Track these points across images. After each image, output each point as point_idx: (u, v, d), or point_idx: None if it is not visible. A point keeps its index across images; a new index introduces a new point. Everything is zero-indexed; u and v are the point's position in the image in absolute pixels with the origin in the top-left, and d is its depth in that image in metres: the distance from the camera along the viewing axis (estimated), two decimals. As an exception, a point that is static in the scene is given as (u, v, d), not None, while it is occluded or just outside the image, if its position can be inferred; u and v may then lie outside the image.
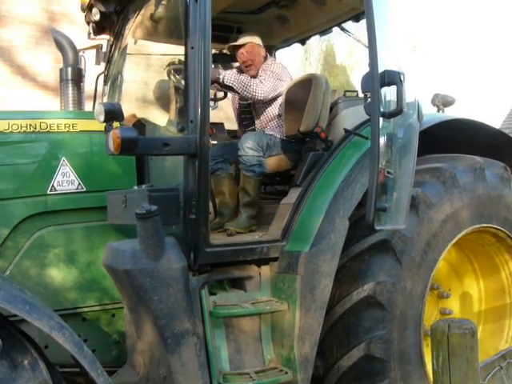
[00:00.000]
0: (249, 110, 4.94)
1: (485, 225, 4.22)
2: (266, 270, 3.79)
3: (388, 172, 3.36)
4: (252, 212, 4.36)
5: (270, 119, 4.65)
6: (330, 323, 3.66)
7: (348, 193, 3.72)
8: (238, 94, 4.48)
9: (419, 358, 3.77)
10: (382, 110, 3.24)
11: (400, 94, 3.18)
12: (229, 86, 4.38)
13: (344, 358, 3.63)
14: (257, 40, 4.70)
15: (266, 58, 4.73)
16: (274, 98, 4.58)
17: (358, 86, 3.44)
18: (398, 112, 3.22)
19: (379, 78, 3.18)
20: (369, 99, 3.23)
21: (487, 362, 2.97)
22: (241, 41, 4.68)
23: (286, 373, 3.48)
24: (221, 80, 4.35)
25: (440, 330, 2.56)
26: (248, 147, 4.27)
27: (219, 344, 3.49)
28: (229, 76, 4.33)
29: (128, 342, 3.76)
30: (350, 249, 3.72)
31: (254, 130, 4.82)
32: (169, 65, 4.06)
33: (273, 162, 4.47)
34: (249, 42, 4.66)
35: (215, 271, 3.63)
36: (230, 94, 5.08)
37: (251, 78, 4.52)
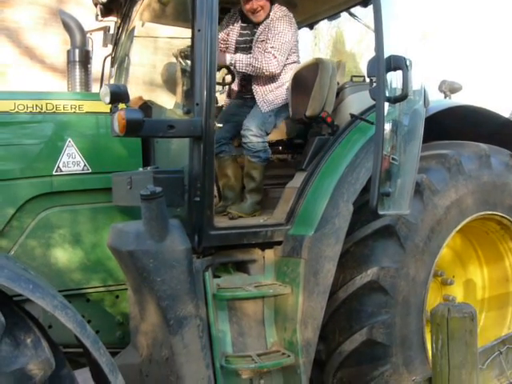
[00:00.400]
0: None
1: (489, 212, 4.21)
2: (270, 253, 3.80)
3: (393, 158, 3.35)
4: (257, 198, 4.36)
5: (272, 86, 4.51)
6: (333, 307, 3.67)
7: (353, 178, 3.72)
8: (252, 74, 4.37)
9: (421, 343, 3.79)
10: (387, 94, 3.23)
11: (405, 79, 3.16)
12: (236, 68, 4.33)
13: (346, 342, 3.65)
14: None
15: (272, 2, 4.52)
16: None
17: (365, 72, 3.42)
18: (403, 97, 3.21)
19: (385, 63, 3.17)
20: (374, 84, 3.22)
21: (486, 347, 2.97)
22: None
23: (289, 356, 3.50)
24: (232, 67, 4.31)
25: (440, 314, 2.57)
26: (251, 134, 4.25)
27: (222, 326, 3.51)
28: (240, 63, 4.26)
29: (131, 324, 3.78)
30: (354, 234, 3.72)
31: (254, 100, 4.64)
32: (179, 51, 4.05)
33: (274, 132, 4.46)
34: None
35: (219, 254, 3.65)
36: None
37: (258, 24, 4.46)
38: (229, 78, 4.94)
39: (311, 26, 5.80)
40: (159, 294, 3.18)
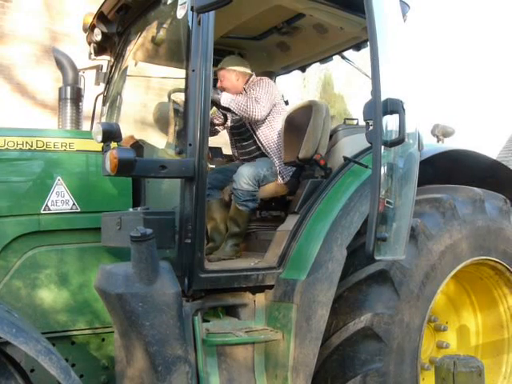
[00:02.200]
0: (243, 132, 4.83)
1: (484, 257, 4.17)
2: (260, 297, 3.72)
3: (388, 202, 3.31)
4: (238, 241, 4.36)
5: (271, 141, 4.60)
6: (326, 354, 3.58)
7: (346, 221, 3.67)
8: (236, 114, 4.44)
9: (415, 392, 3.69)
10: (383, 138, 3.21)
11: (402, 123, 3.14)
12: (226, 107, 4.37)
13: (339, 390, 3.55)
14: (234, 66, 4.67)
15: (247, 82, 4.69)
16: (272, 118, 4.58)
17: (355, 115, 3.42)
18: (400, 141, 3.18)
19: (382, 106, 3.15)
20: (371, 127, 3.20)
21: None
22: (219, 65, 4.68)
23: (279, 404, 3.39)
24: (218, 101, 4.33)
25: (445, 368, 2.47)
26: (244, 182, 4.24)
27: (211, 373, 3.40)
28: (225, 98, 4.31)
29: (117, 368, 3.65)
30: (348, 278, 3.65)
31: (254, 153, 4.75)
32: (172, 91, 4.06)
33: (269, 188, 4.43)
34: (224, 68, 4.67)
35: (209, 297, 3.56)
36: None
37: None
38: (220, 119, 4.94)
39: (303, 69, 5.84)
40: (148, 338, 3.09)
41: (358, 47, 5.13)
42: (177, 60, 4.26)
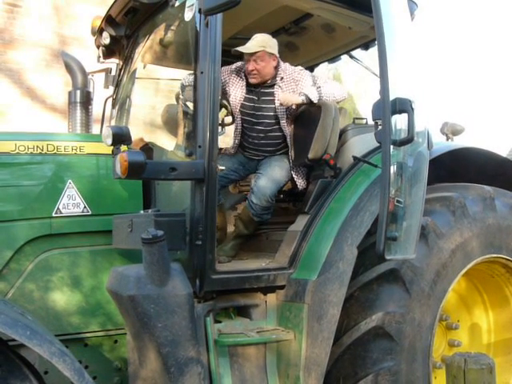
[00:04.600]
0: (268, 124, 4.46)
1: (494, 255, 4.16)
2: (272, 297, 3.74)
3: (398, 201, 3.31)
4: (241, 241, 4.37)
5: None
6: (337, 354, 3.59)
7: (357, 221, 3.67)
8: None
9: (427, 390, 3.69)
10: (392, 137, 3.21)
11: (411, 122, 3.13)
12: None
13: (351, 389, 3.55)
14: (269, 47, 4.29)
15: (278, 65, 4.38)
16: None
17: (364, 114, 3.41)
18: (409, 140, 3.18)
19: (390, 106, 3.15)
20: (380, 127, 3.20)
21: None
22: (250, 48, 4.27)
23: (291, 404, 3.40)
24: (309, 101, 4.21)
25: (456, 365, 2.47)
26: (265, 200, 4.18)
27: (223, 373, 3.43)
28: (312, 93, 4.18)
29: (130, 369, 3.67)
30: (358, 278, 3.66)
31: (278, 152, 4.53)
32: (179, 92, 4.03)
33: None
34: (259, 51, 4.26)
35: (220, 298, 3.58)
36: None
37: (263, 88, 4.39)
38: (229, 119, 4.94)
39: (312, 69, 5.84)
40: (160, 340, 3.11)
41: (366, 46, 5.14)
42: (185, 62, 4.28)
